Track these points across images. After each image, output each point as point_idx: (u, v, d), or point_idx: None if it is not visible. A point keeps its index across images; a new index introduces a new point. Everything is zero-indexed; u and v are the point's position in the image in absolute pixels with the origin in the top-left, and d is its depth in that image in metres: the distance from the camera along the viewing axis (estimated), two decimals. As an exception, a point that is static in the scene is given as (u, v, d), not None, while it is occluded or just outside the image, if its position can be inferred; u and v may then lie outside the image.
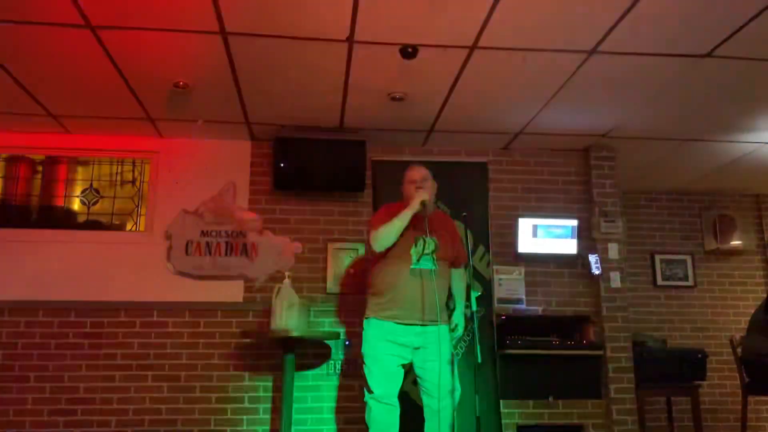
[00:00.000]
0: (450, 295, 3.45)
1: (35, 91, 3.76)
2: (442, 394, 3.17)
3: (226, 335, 4.26)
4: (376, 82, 3.66)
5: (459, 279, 3.50)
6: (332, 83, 3.66)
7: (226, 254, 4.37)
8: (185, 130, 4.41)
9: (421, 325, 3.21)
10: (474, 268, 4.42)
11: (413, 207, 3.23)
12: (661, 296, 5.54)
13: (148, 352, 4.18)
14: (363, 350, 3.31)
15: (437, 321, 3.22)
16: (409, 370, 3.35)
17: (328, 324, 4.33)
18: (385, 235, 3.23)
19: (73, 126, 4.33)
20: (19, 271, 4.21)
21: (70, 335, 4.16)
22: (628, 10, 2.84)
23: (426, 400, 3.26)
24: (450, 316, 3.36)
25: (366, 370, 3.27)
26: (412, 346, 3.23)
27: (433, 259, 3.27)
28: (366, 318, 3.35)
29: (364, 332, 3.34)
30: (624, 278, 4.55)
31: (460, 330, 3.32)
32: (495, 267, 4.56)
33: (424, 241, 3.26)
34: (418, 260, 3.25)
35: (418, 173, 3.43)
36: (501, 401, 4.29)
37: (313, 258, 4.45)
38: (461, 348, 4.21)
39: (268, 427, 4.16)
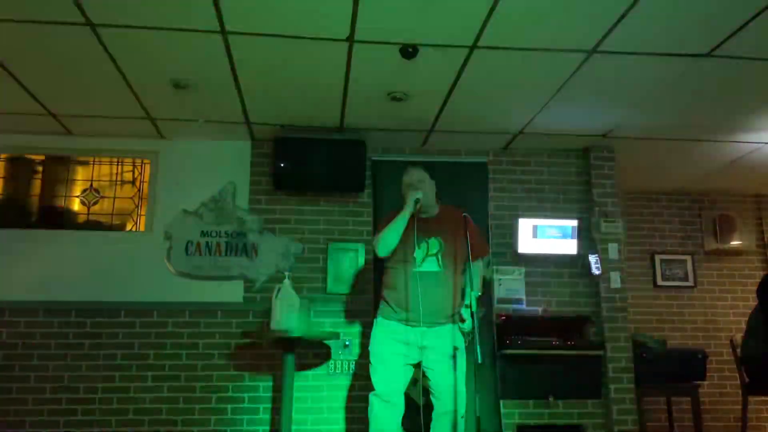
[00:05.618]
0: (463, 294, 3.31)
1: (35, 91, 3.76)
2: (444, 394, 3.17)
3: (226, 335, 4.26)
4: (376, 82, 3.66)
5: (477, 273, 3.36)
6: (332, 83, 3.66)
7: (226, 254, 4.37)
8: (185, 130, 4.41)
9: (425, 327, 3.19)
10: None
11: (408, 206, 3.21)
12: (661, 296, 5.53)
13: (148, 352, 4.18)
14: (370, 348, 3.33)
15: (441, 323, 3.22)
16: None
17: (328, 324, 4.32)
18: (385, 238, 3.22)
19: (74, 126, 4.33)
20: (19, 271, 4.21)
21: (70, 335, 4.16)
22: (629, 9, 2.84)
23: (431, 400, 3.25)
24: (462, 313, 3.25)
25: (371, 368, 3.28)
26: (418, 346, 3.21)
27: (438, 260, 3.26)
28: (375, 317, 3.38)
29: (372, 331, 3.36)
30: (624, 278, 4.55)
31: (468, 324, 3.17)
32: (495, 267, 4.56)
33: (428, 243, 3.25)
34: (422, 262, 3.24)
35: (413, 176, 3.39)
36: (501, 401, 4.28)
37: (313, 258, 4.45)
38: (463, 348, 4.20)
39: (268, 427, 4.16)
